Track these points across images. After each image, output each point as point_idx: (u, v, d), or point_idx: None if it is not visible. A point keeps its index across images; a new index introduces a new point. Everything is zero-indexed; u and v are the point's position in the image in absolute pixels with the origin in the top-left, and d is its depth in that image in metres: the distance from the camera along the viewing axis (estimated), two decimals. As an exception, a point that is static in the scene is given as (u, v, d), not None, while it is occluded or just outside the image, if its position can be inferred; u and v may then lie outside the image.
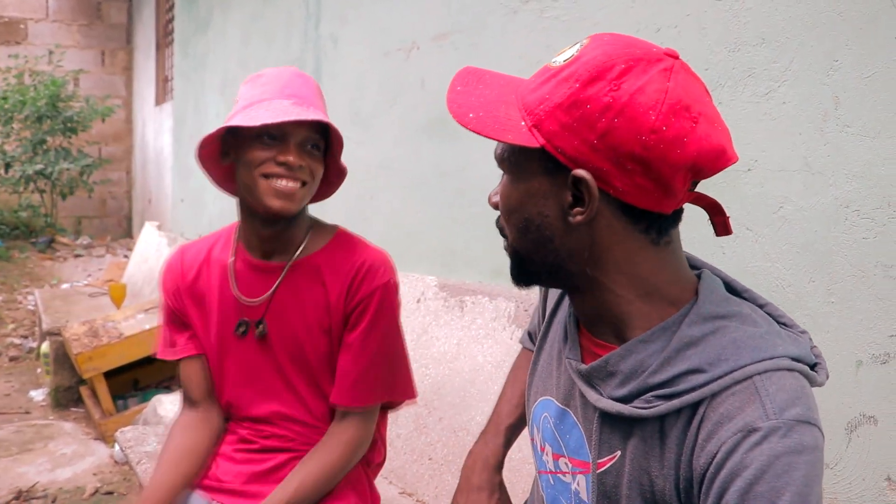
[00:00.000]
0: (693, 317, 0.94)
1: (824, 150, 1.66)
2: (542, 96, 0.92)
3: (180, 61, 7.23)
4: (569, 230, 0.95)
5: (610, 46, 0.91)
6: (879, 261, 1.57)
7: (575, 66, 0.90)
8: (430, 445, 2.49)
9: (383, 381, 1.65)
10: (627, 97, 0.87)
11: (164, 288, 1.72)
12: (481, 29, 2.81)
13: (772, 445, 0.84)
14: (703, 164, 0.89)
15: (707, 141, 0.88)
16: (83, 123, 9.16)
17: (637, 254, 0.95)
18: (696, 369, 0.91)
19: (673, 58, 0.91)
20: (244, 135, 1.51)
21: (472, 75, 1.02)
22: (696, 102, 0.89)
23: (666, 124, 0.86)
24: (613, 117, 0.87)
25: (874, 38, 1.57)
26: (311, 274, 1.63)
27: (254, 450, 1.67)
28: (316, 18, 4.13)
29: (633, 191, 0.90)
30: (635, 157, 0.87)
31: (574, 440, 1.07)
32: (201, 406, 1.71)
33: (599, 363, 0.99)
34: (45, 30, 9.87)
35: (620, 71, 0.88)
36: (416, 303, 2.85)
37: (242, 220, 1.65)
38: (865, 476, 1.59)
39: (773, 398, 0.86)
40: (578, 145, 0.89)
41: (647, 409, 0.93)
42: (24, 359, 5.90)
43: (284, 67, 1.62)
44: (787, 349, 0.92)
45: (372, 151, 3.57)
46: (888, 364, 1.55)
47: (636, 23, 2.13)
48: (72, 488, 3.69)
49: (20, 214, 9.38)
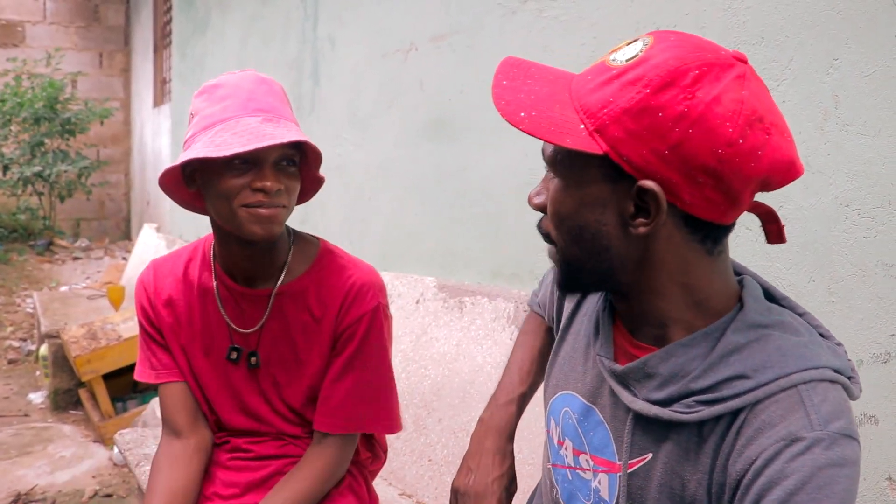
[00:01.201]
0: (738, 324, 0.92)
1: (824, 149, 1.66)
2: (604, 99, 0.87)
3: (178, 63, 7.23)
4: (626, 240, 0.91)
5: (679, 49, 0.86)
6: (880, 260, 1.56)
7: (642, 68, 0.85)
8: (430, 446, 2.49)
9: (365, 410, 1.56)
10: (703, 106, 0.83)
11: (139, 306, 1.62)
12: (479, 29, 2.80)
13: (815, 457, 0.83)
14: (774, 177, 0.87)
15: (779, 153, 0.86)
16: (81, 125, 9.14)
17: (692, 265, 0.93)
18: (740, 375, 0.89)
19: (743, 62, 0.87)
20: (211, 161, 1.37)
21: (516, 68, 0.97)
22: (768, 113, 0.86)
23: (742, 136, 0.83)
24: (688, 127, 0.83)
25: (874, 36, 1.56)
26: (298, 300, 1.55)
27: (249, 458, 1.63)
28: (314, 19, 4.12)
29: (700, 203, 0.87)
30: (708, 169, 0.84)
31: (598, 438, 1.05)
32: (186, 434, 1.60)
33: (637, 364, 0.97)
34: (42, 32, 9.85)
35: (694, 77, 0.84)
36: (415, 304, 2.85)
37: (218, 242, 1.55)
38: (866, 476, 1.58)
39: (819, 409, 0.85)
40: (647, 154, 0.85)
41: (688, 413, 0.92)
42: (23, 361, 5.89)
43: (243, 73, 1.47)
44: (830, 360, 0.91)
45: (370, 153, 3.57)
46: (889, 363, 1.55)
47: (635, 22, 2.12)
48: (71, 491, 3.68)
49: (18, 217, 9.37)
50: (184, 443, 1.60)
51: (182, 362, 1.61)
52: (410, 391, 2.65)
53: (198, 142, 1.38)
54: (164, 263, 1.65)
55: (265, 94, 1.43)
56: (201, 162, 1.40)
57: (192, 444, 1.60)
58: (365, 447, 1.70)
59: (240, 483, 1.60)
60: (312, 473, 1.53)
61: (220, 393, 1.61)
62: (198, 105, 1.45)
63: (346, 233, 3.81)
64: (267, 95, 1.43)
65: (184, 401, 1.61)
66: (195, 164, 1.43)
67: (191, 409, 1.62)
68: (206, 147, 1.34)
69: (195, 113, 1.44)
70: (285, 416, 1.61)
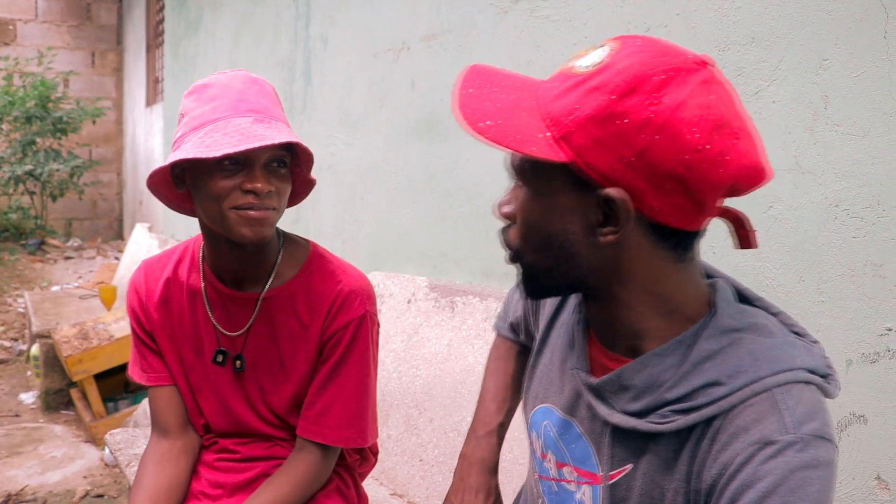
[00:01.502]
0: (711, 330, 0.91)
1: (814, 150, 1.66)
2: (569, 105, 0.85)
3: (170, 62, 7.21)
4: (594, 249, 0.90)
5: (644, 54, 0.84)
6: (869, 260, 1.57)
7: (606, 73, 0.84)
8: (421, 446, 2.49)
9: (347, 420, 1.54)
10: (669, 112, 0.81)
11: (130, 309, 1.61)
12: (471, 29, 2.80)
13: (787, 459, 0.82)
14: (742, 183, 0.86)
15: (746, 158, 0.85)
16: (73, 125, 9.11)
17: (662, 272, 0.92)
18: (714, 382, 0.89)
19: (709, 66, 0.86)
20: (201, 162, 1.35)
21: (482, 75, 0.94)
22: (735, 117, 0.85)
23: (709, 142, 0.82)
24: (654, 133, 0.81)
25: (864, 37, 1.57)
26: (286, 305, 1.53)
27: (236, 459, 1.62)
28: (306, 19, 4.12)
29: (668, 210, 0.86)
30: (675, 176, 0.83)
31: (580, 451, 1.05)
32: (175, 435, 1.60)
33: (612, 377, 0.96)
34: (34, 31, 9.82)
35: (659, 82, 0.82)
36: (406, 304, 2.84)
37: (207, 244, 1.53)
38: (855, 475, 1.59)
39: (793, 411, 0.85)
40: (613, 162, 0.84)
41: (663, 424, 0.91)
42: (14, 361, 5.87)
43: (234, 73, 1.45)
44: (804, 361, 0.90)
45: (361, 152, 3.56)
46: (878, 363, 1.55)
47: (626, 22, 2.12)
48: (62, 491, 3.67)
49: (10, 216, 9.33)
50: (172, 443, 1.60)
51: (173, 364, 1.61)
52: (402, 391, 2.65)
53: (187, 142, 1.36)
54: (155, 264, 1.63)
55: (256, 94, 1.41)
56: (191, 162, 1.38)
57: (180, 445, 1.60)
58: (354, 450, 1.70)
59: (226, 484, 1.60)
60: (293, 479, 1.52)
61: (208, 396, 1.61)
62: (187, 105, 1.43)
63: (338, 232, 3.80)
64: (258, 96, 1.41)
65: (173, 403, 1.61)
66: (185, 165, 1.41)
67: (180, 411, 1.62)
68: (195, 147, 1.33)
69: (185, 113, 1.42)
70: (269, 422, 1.61)
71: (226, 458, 1.63)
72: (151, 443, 1.62)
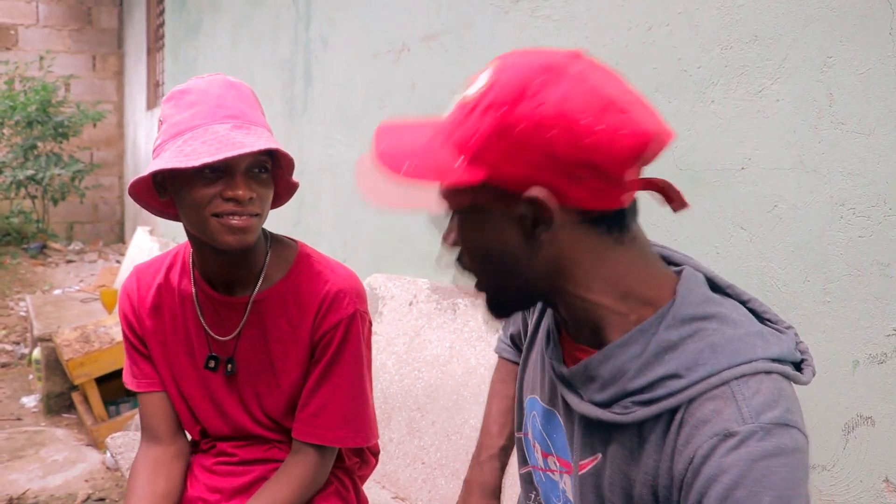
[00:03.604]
0: (670, 319, 0.93)
1: (819, 148, 1.64)
2: (469, 130, 0.91)
3: (171, 66, 7.21)
4: (533, 251, 0.94)
5: (519, 65, 0.91)
6: (875, 259, 1.55)
7: (493, 92, 0.90)
8: (423, 449, 2.47)
9: (342, 419, 1.53)
10: (556, 107, 0.86)
11: (122, 315, 1.61)
12: (471, 29, 2.79)
13: (749, 449, 0.84)
14: (646, 150, 0.89)
15: (642, 125, 0.89)
16: (74, 128, 9.12)
17: (604, 257, 0.95)
18: (673, 374, 0.91)
19: (581, 57, 0.91)
20: (181, 170, 1.34)
21: (391, 130, 1.01)
22: (620, 93, 0.89)
23: (601, 122, 0.86)
24: (548, 131, 0.86)
25: (868, 33, 1.55)
26: (275, 308, 1.53)
27: (234, 462, 1.61)
28: (306, 20, 4.11)
29: (588, 196, 0.90)
30: (581, 162, 0.87)
31: (560, 440, 1.08)
32: (166, 442, 1.60)
33: (579, 367, 0.99)
34: (35, 35, 9.82)
35: (540, 83, 0.88)
36: (408, 306, 2.83)
37: (194, 250, 1.53)
38: (863, 478, 1.57)
39: (749, 402, 0.86)
40: (523, 167, 0.88)
41: (625, 414, 0.93)
42: (16, 365, 5.86)
43: (212, 77, 1.45)
44: (768, 350, 0.91)
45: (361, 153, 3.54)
46: (885, 364, 1.54)
47: (627, 21, 2.11)
48: (63, 495, 3.66)
49: (11, 220, 9.34)
50: (164, 449, 1.59)
51: (164, 371, 1.60)
52: (404, 394, 2.64)
53: (167, 150, 1.36)
54: (147, 270, 1.62)
55: (234, 98, 1.40)
56: (171, 171, 1.37)
57: (172, 451, 1.59)
58: (353, 452, 1.68)
59: (224, 489, 1.59)
60: (291, 482, 1.51)
61: (202, 402, 1.60)
62: (166, 111, 1.42)
63: (338, 234, 3.79)
64: (236, 100, 1.40)
65: (164, 409, 1.60)
66: (165, 173, 1.40)
67: (171, 417, 1.61)
68: (174, 157, 1.32)
69: (164, 120, 1.41)
70: (265, 425, 1.60)
71: (224, 461, 1.62)
72: (142, 450, 1.60)
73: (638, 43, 2.07)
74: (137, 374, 1.61)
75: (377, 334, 2.82)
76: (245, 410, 1.58)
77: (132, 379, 1.62)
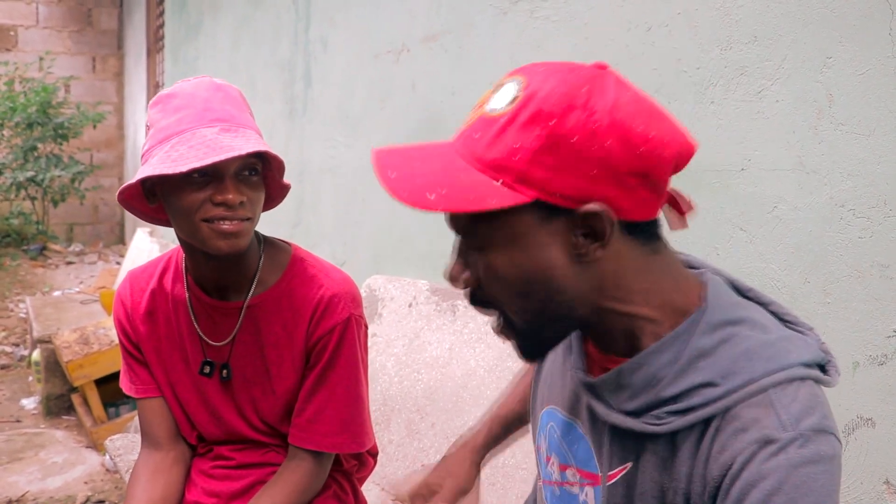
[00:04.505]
0: (704, 326, 0.91)
1: (818, 149, 1.64)
2: (509, 147, 0.85)
3: (171, 67, 7.21)
4: (579, 271, 0.89)
5: (557, 75, 0.86)
6: (875, 260, 1.55)
7: (533, 104, 0.84)
8: (423, 451, 2.47)
9: (338, 425, 1.52)
10: (608, 117, 0.83)
11: (117, 321, 1.60)
12: (471, 30, 2.78)
13: (789, 456, 0.83)
14: (682, 157, 0.89)
15: (678, 132, 0.89)
16: (74, 130, 9.10)
17: (643, 268, 0.92)
18: (709, 383, 0.89)
19: (606, 67, 0.89)
20: (170, 175, 1.32)
21: (394, 155, 0.93)
22: (653, 101, 0.89)
23: (652, 129, 0.85)
24: (605, 140, 0.83)
25: (868, 34, 1.55)
26: (270, 312, 1.51)
27: (231, 466, 1.61)
28: (306, 21, 4.11)
29: (636, 207, 0.88)
30: (635, 171, 0.85)
31: (582, 451, 1.04)
32: (166, 447, 1.59)
33: (610, 376, 0.95)
34: (35, 36, 9.82)
35: (586, 93, 0.84)
36: (408, 307, 2.83)
37: (187, 255, 1.51)
38: (863, 479, 1.56)
39: (789, 409, 0.85)
40: (576, 181, 0.84)
41: (659, 425, 0.91)
42: (16, 367, 5.86)
43: (199, 80, 1.44)
44: (800, 355, 0.91)
45: (363, 154, 3.55)
46: (885, 365, 1.53)
47: (627, 22, 2.11)
48: (62, 497, 3.66)
49: (11, 222, 9.33)
50: (164, 454, 1.59)
51: (160, 376, 1.59)
52: (403, 396, 2.63)
53: (154, 156, 1.34)
54: (141, 275, 1.61)
55: (221, 101, 1.38)
56: (160, 177, 1.35)
57: (172, 456, 1.59)
58: (351, 455, 1.68)
59: (222, 493, 1.59)
60: (287, 488, 1.50)
61: (198, 407, 1.59)
62: (153, 116, 1.40)
63: (338, 235, 3.79)
64: (223, 103, 1.38)
65: (162, 415, 1.60)
66: (154, 179, 1.38)
67: (170, 422, 1.61)
68: (161, 162, 1.31)
69: (151, 125, 1.40)
70: (261, 431, 1.59)
71: (221, 465, 1.61)
72: (142, 455, 1.60)
73: (638, 43, 2.07)
74: (134, 380, 1.60)
75: (377, 336, 2.82)
76: (241, 416, 1.58)
77: (129, 385, 1.61)
